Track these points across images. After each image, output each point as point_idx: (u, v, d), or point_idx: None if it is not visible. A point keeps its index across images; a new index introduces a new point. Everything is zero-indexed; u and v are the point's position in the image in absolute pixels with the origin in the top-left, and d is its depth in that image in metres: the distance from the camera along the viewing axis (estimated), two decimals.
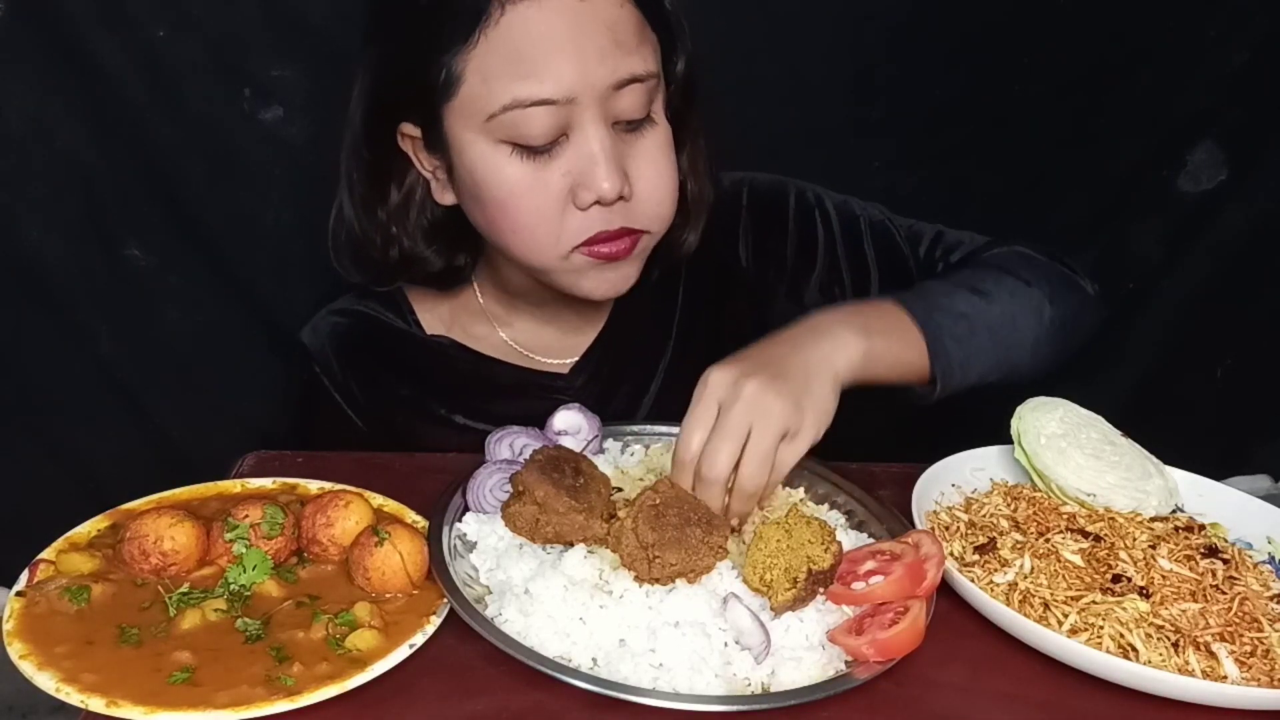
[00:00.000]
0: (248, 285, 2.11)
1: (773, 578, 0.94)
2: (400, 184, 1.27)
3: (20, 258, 2.00)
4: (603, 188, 1.10)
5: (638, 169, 1.15)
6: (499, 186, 1.13)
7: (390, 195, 1.27)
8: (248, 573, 0.95)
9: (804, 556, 0.94)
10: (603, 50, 1.09)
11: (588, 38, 1.08)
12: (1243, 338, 2.52)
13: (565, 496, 1.00)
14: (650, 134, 1.16)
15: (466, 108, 1.12)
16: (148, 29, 1.88)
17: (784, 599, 0.93)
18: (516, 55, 1.08)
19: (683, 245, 1.31)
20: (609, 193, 1.11)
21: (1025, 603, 0.98)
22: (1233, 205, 2.35)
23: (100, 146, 1.95)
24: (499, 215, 1.16)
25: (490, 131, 1.11)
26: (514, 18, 1.07)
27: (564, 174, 1.12)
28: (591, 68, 1.08)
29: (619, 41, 1.10)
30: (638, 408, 1.39)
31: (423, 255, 1.29)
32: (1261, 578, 1.03)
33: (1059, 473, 1.13)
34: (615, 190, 1.11)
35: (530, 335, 1.40)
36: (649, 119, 1.16)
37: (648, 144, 1.16)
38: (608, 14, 1.10)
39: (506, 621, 0.91)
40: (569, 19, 1.08)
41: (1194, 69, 2.22)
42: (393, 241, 1.27)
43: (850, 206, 1.41)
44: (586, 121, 1.10)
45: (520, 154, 1.12)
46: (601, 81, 1.09)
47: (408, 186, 1.27)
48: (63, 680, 0.82)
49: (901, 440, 1.40)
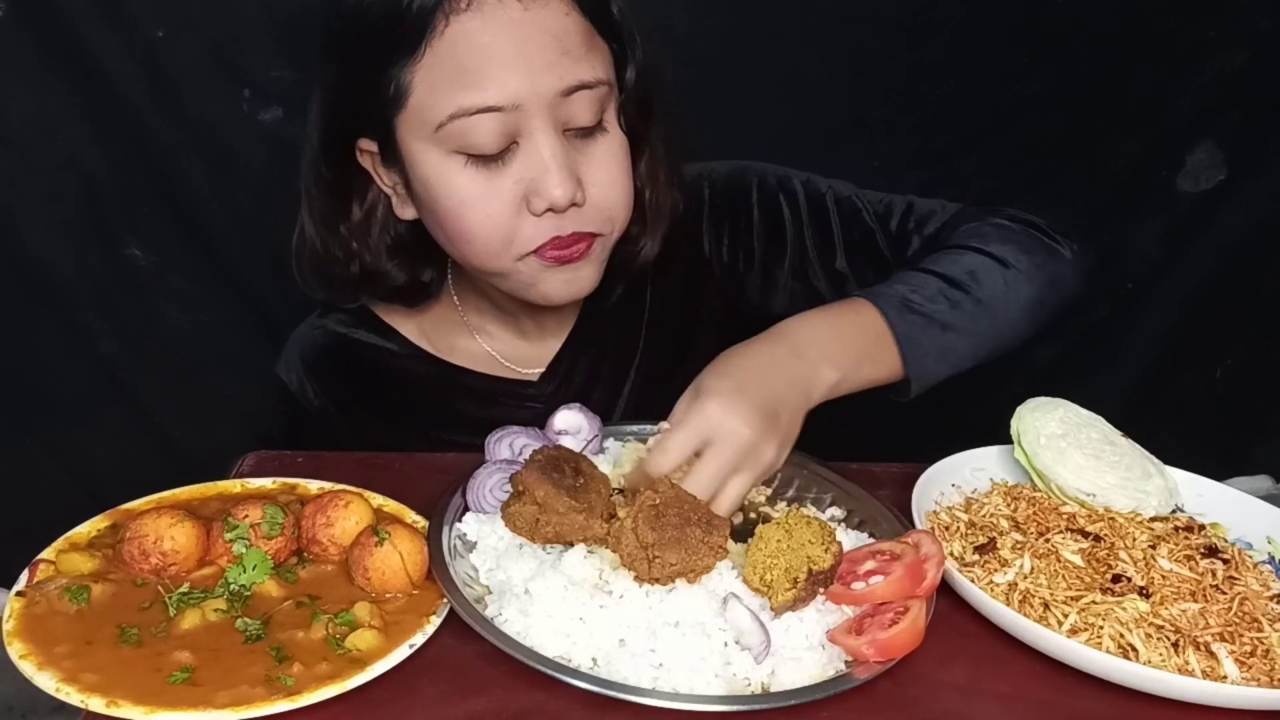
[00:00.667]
0: (248, 285, 2.12)
1: (773, 578, 0.94)
2: (362, 200, 1.28)
3: (20, 258, 2.00)
4: (554, 194, 1.11)
5: (591, 175, 1.16)
6: (451, 196, 1.14)
7: (352, 212, 1.28)
8: (248, 573, 0.95)
9: (804, 557, 0.94)
10: (549, 59, 1.10)
11: (533, 47, 1.09)
12: (1243, 338, 2.52)
13: (565, 496, 1.00)
14: (603, 141, 1.17)
15: (416, 119, 1.13)
16: (147, 29, 1.88)
17: (784, 599, 0.93)
18: (460, 66, 1.09)
19: (640, 254, 1.31)
20: (561, 199, 1.12)
21: (1025, 603, 0.98)
22: (1233, 205, 2.35)
23: (100, 146, 1.95)
24: (453, 224, 1.16)
25: (440, 142, 1.12)
26: (458, 29, 1.09)
27: (515, 181, 1.13)
28: (537, 75, 1.09)
29: (566, 50, 1.11)
30: (614, 409, 1.39)
31: (384, 270, 1.30)
32: (1261, 578, 1.03)
33: (1059, 473, 1.13)
34: (567, 196, 1.12)
35: (507, 344, 1.40)
36: (601, 126, 1.17)
37: (600, 150, 1.17)
38: (553, 24, 1.11)
39: (506, 621, 0.91)
40: (513, 29, 1.09)
41: (1194, 69, 2.22)
42: (354, 257, 1.28)
43: (815, 185, 1.40)
44: (535, 129, 1.11)
45: (472, 164, 1.13)
46: (548, 89, 1.10)
47: (369, 203, 1.28)
48: (63, 680, 0.82)
49: (901, 440, 1.40)
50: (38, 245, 2.00)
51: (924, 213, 1.38)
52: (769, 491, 1.18)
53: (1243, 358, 2.55)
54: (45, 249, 2.01)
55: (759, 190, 1.40)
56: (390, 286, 1.32)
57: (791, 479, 1.19)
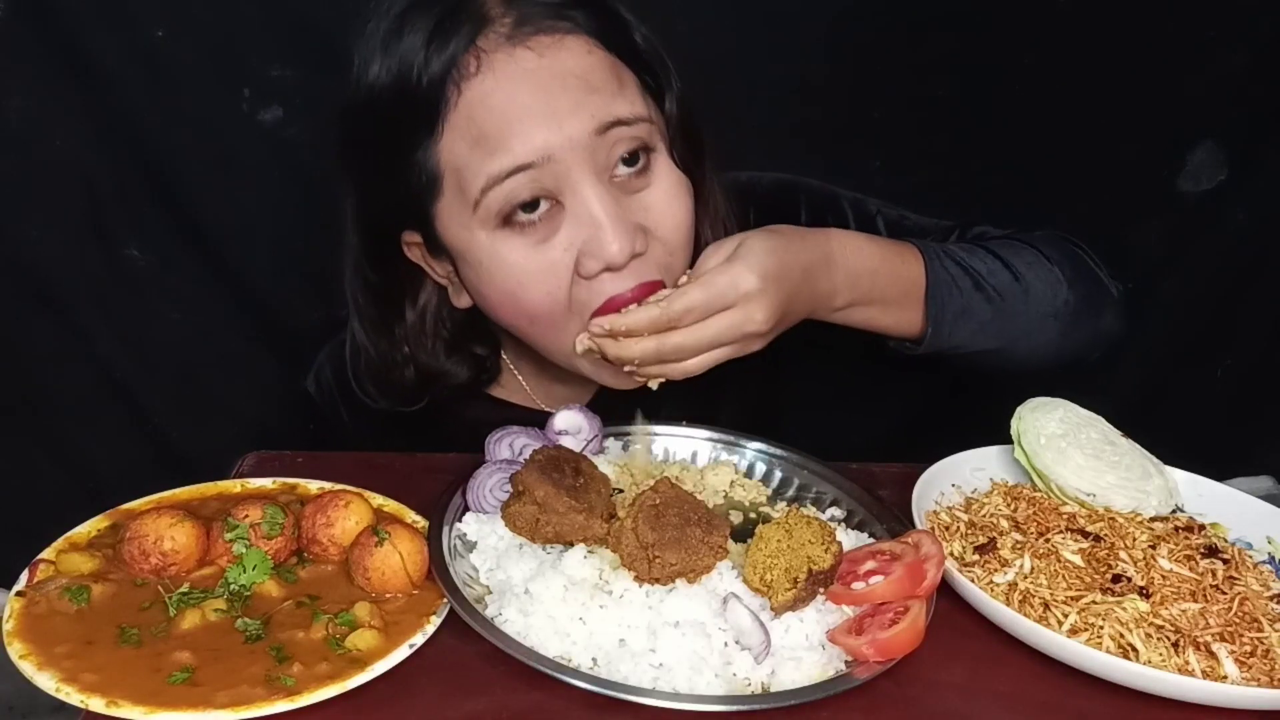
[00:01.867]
0: (248, 285, 2.12)
1: (773, 578, 0.94)
2: (414, 300, 1.22)
3: (20, 258, 2.00)
4: (610, 251, 1.03)
5: (650, 218, 1.08)
6: (506, 279, 1.07)
7: (405, 314, 1.22)
8: (248, 573, 0.95)
9: (804, 557, 0.94)
10: (576, 101, 1.03)
11: (555, 93, 1.02)
12: (1243, 338, 2.52)
13: (565, 496, 1.00)
14: (656, 180, 1.09)
15: (453, 202, 1.07)
16: (148, 29, 1.88)
17: (784, 599, 0.93)
18: (481, 134, 1.03)
19: None
20: (618, 256, 1.03)
21: (1025, 603, 0.98)
22: (1233, 205, 2.35)
23: (100, 146, 1.95)
24: (511, 308, 1.10)
25: (482, 220, 1.05)
26: (472, 96, 1.03)
27: (566, 249, 1.05)
28: (564, 121, 1.02)
29: (593, 88, 1.04)
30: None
31: (445, 369, 1.24)
32: (1261, 578, 1.03)
33: (1059, 473, 1.13)
34: (625, 251, 1.04)
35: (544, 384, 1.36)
36: (649, 164, 1.09)
37: (655, 192, 1.09)
38: (575, 64, 1.04)
39: (506, 621, 0.91)
40: (530, 80, 1.03)
41: (1194, 69, 2.22)
42: (410, 360, 1.23)
43: (865, 207, 1.36)
44: (577, 181, 1.03)
45: (519, 234, 1.05)
46: (579, 131, 1.03)
47: (422, 302, 1.22)
48: (63, 680, 0.82)
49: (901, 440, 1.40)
50: (38, 245, 2.00)
51: (975, 235, 1.33)
52: (769, 491, 1.18)
53: (1243, 358, 2.55)
54: (45, 249, 2.01)
55: (807, 208, 1.34)
56: (454, 385, 1.27)
57: (791, 479, 1.19)
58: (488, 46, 1.03)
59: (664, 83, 1.15)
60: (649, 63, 1.13)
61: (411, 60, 1.04)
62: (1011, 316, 1.20)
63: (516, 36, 1.04)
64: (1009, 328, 1.21)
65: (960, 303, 1.16)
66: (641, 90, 1.11)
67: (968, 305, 1.17)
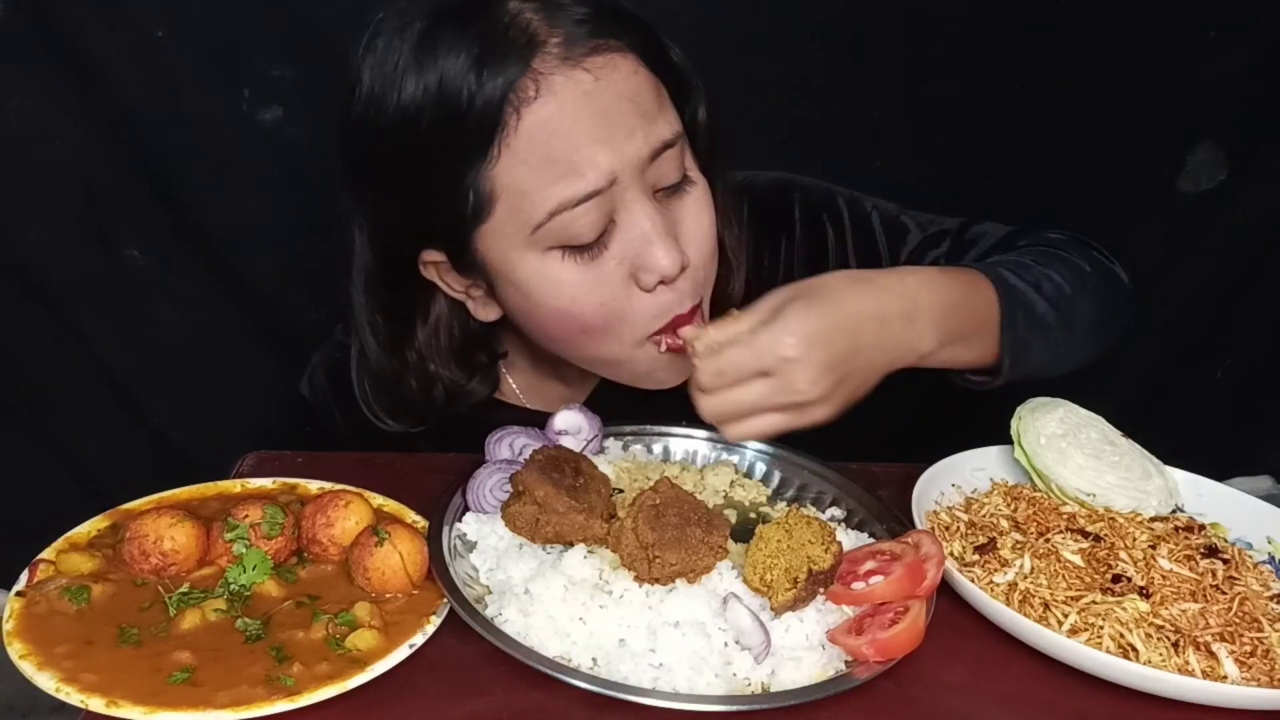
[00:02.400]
0: (247, 285, 2.11)
1: (773, 578, 0.94)
2: (425, 315, 1.21)
3: (20, 258, 2.00)
4: (663, 265, 1.05)
5: (685, 231, 1.10)
6: (559, 297, 1.07)
7: (416, 331, 1.21)
8: (248, 573, 0.95)
9: (804, 557, 0.94)
10: (630, 125, 1.03)
11: (614, 117, 1.02)
12: (1243, 338, 2.52)
13: (565, 496, 1.00)
14: (690, 194, 1.11)
15: (506, 225, 1.05)
16: (148, 29, 1.88)
17: (784, 599, 0.93)
18: (548, 158, 1.01)
19: (731, 299, 1.24)
20: (670, 269, 1.05)
21: (1025, 603, 0.98)
22: (1234, 205, 2.35)
23: (100, 146, 1.95)
24: (563, 324, 1.10)
25: (538, 242, 1.05)
26: (533, 120, 1.01)
27: (619, 262, 1.06)
28: (624, 145, 1.03)
29: (643, 111, 1.05)
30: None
31: (466, 389, 1.24)
32: (1261, 578, 1.03)
33: (1059, 473, 1.13)
34: (676, 265, 1.05)
35: (541, 385, 1.36)
36: (686, 179, 1.11)
37: (689, 206, 1.11)
38: (626, 86, 1.04)
39: (506, 621, 0.91)
40: (591, 103, 1.02)
41: (1194, 69, 2.22)
42: (433, 381, 1.22)
43: (860, 204, 1.35)
44: (631, 201, 1.05)
45: (572, 255, 1.06)
46: (637, 156, 1.04)
47: (434, 315, 1.21)
48: (63, 680, 0.82)
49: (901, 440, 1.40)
50: (37, 245, 2.00)
51: (976, 234, 1.33)
52: (769, 491, 1.18)
53: (1243, 358, 2.55)
54: (45, 249, 2.01)
55: (801, 207, 1.34)
56: (474, 402, 1.26)
57: (791, 479, 1.19)
58: (544, 69, 1.01)
59: (695, 94, 1.16)
60: (682, 78, 1.14)
61: (458, 83, 1.01)
62: (1069, 332, 1.18)
63: (571, 58, 1.02)
64: (1067, 343, 1.19)
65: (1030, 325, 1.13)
66: (672, 106, 1.11)
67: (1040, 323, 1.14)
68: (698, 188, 1.13)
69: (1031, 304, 1.14)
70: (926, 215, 1.36)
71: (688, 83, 1.15)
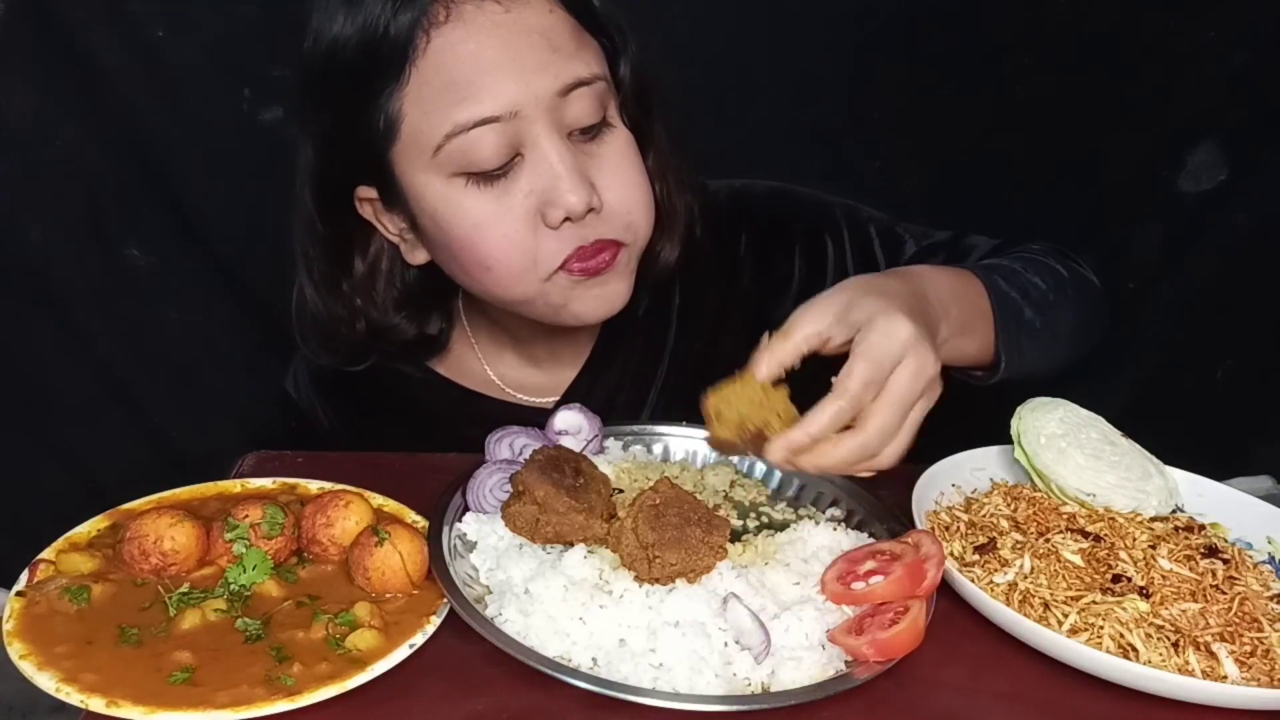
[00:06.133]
0: (247, 285, 2.12)
1: (727, 413, 0.94)
2: (364, 254, 1.23)
3: (20, 258, 2.01)
4: (569, 200, 1.06)
5: (603, 178, 1.11)
6: (462, 222, 1.09)
7: (355, 267, 1.23)
8: (248, 573, 0.95)
9: (765, 419, 0.94)
10: (541, 59, 1.05)
11: (522, 48, 1.05)
12: (1243, 338, 2.52)
13: (565, 496, 1.00)
14: (610, 140, 1.12)
15: (411, 147, 1.08)
16: (148, 29, 1.88)
17: (722, 436, 0.93)
18: (450, 81, 1.05)
19: (660, 260, 1.26)
20: (577, 205, 1.07)
21: (1025, 603, 0.98)
22: (1233, 205, 2.35)
23: (100, 146, 1.95)
24: (469, 253, 1.11)
25: (441, 166, 1.07)
26: (441, 43, 1.05)
27: (526, 195, 1.08)
28: (531, 77, 1.05)
29: (556, 47, 1.07)
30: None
31: (393, 325, 1.25)
32: (1261, 578, 1.03)
33: (1059, 473, 1.13)
34: (583, 202, 1.07)
35: (521, 374, 1.37)
36: (605, 124, 1.12)
37: (609, 151, 1.12)
38: (538, 22, 1.07)
39: (506, 621, 0.91)
40: (499, 34, 1.05)
41: (1194, 69, 2.22)
42: (359, 314, 1.23)
43: (856, 215, 1.36)
44: (539, 135, 1.06)
45: (477, 183, 1.08)
46: (545, 90, 1.05)
47: (372, 255, 1.23)
48: (63, 680, 0.82)
49: None
50: (37, 245, 2.00)
51: (968, 245, 1.34)
52: (769, 491, 1.18)
53: (1243, 358, 2.55)
54: (45, 249, 2.01)
55: (800, 218, 1.34)
56: (400, 341, 1.27)
57: (791, 479, 1.19)
58: None
59: (622, 47, 1.17)
60: (605, 27, 1.15)
61: (377, 12, 1.05)
62: (1053, 334, 1.21)
63: None
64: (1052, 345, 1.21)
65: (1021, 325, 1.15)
66: (598, 52, 1.13)
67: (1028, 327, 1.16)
68: (619, 135, 1.13)
69: (1020, 309, 1.17)
70: (918, 228, 1.37)
71: (614, 36, 1.16)
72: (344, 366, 1.30)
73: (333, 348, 1.28)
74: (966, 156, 2.21)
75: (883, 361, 0.92)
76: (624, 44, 1.18)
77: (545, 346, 1.33)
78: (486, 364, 1.37)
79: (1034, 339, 1.18)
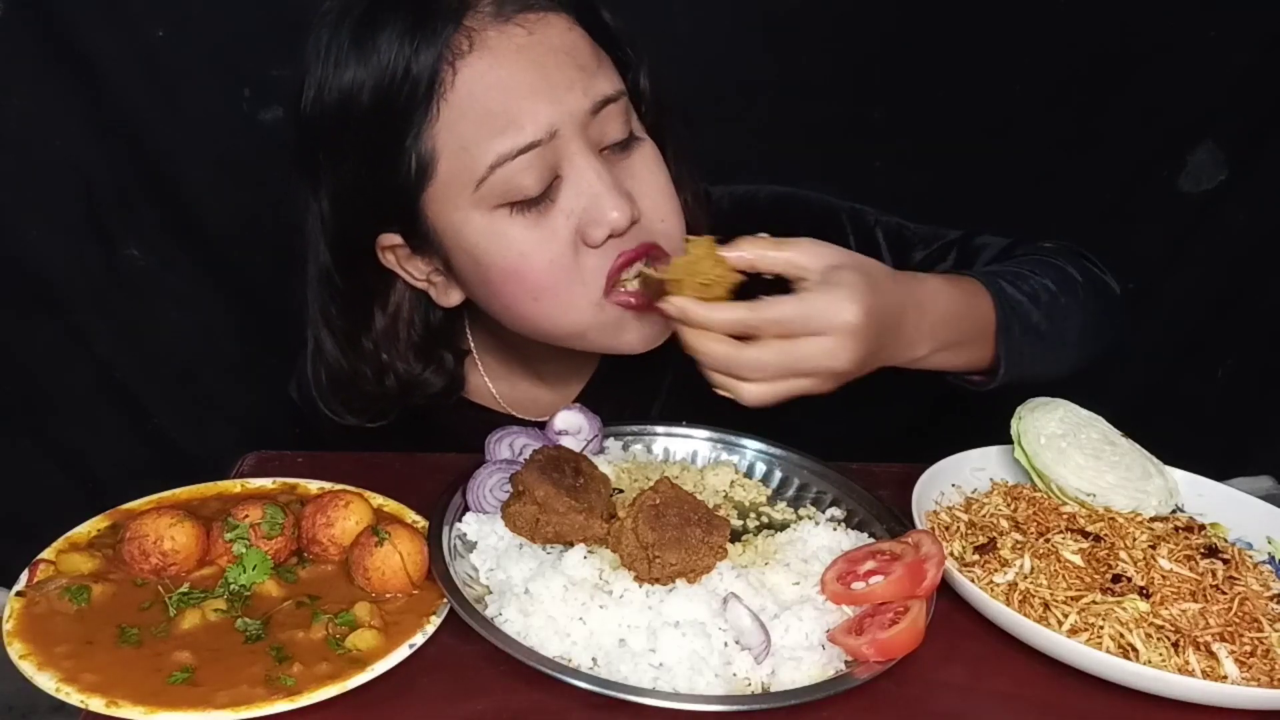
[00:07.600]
0: (247, 285, 2.12)
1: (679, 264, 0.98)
2: (384, 305, 1.20)
3: (20, 258, 2.01)
4: (613, 217, 1.05)
5: (638, 188, 1.10)
6: (506, 253, 1.07)
7: (374, 321, 1.20)
8: (248, 573, 0.95)
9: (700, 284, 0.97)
10: (570, 78, 1.05)
11: (551, 70, 1.04)
12: (1243, 338, 2.52)
13: (565, 496, 1.00)
14: (638, 152, 1.12)
15: (449, 185, 1.06)
16: (147, 29, 1.88)
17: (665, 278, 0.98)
18: (487, 111, 1.02)
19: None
20: (620, 221, 1.05)
21: (1025, 603, 0.98)
22: (1233, 205, 2.36)
23: (100, 146, 1.96)
24: (515, 284, 1.09)
25: (482, 200, 1.05)
26: (469, 74, 1.02)
27: (568, 216, 1.06)
28: (564, 96, 1.04)
29: (581, 65, 1.06)
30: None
31: (421, 379, 1.23)
32: (1261, 578, 1.03)
33: (1059, 473, 1.13)
34: (626, 216, 1.05)
35: (523, 393, 1.36)
36: (633, 137, 1.11)
37: (638, 164, 1.11)
38: (561, 41, 1.06)
39: (506, 621, 0.91)
40: (527, 57, 1.03)
41: (1194, 69, 2.22)
42: (386, 370, 1.21)
43: (863, 218, 1.35)
44: (574, 154, 1.05)
45: (518, 212, 1.06)
46: (578, 108, 1.05)
47: (393, 306, 1.20)
48: (63, 680, 0.82)
49: (901, 440, 1.40)
50: (37, 245, 2.00)
51: (978, 245, 1.33)
52: (769, 491, 1.18)
53: (1243, 358, 2.55)
54: (45, 249, 2.01)
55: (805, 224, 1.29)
56: (430, 394, 1.25)
57: (791, 479, 1.19)
58: (476, 25, 1.03)
59: (635, 57, 1.17)
60: (618, 40, 1.15)
61: (393, 53, 1.03)
62: (1061, 340, 1.20)
63: (503, 14, 1.05)
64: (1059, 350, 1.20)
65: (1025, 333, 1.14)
66: (612, 66, 1.12)
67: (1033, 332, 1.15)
68: (646, 146, 1.13)
69: (1027, 313, 1.16)
70: (926, 228, 1.37)
71: (626, 49, 1.16)
72: (368, 424, 1.27)
73: (358, 406, 1.25)
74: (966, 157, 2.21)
75: (810, 320, 0.94)
76: (638, 57, 1.17)
77: (555, 365, 1.32)
78: (489, 381, 1.36)
79: (1039, 344, 1.17)
